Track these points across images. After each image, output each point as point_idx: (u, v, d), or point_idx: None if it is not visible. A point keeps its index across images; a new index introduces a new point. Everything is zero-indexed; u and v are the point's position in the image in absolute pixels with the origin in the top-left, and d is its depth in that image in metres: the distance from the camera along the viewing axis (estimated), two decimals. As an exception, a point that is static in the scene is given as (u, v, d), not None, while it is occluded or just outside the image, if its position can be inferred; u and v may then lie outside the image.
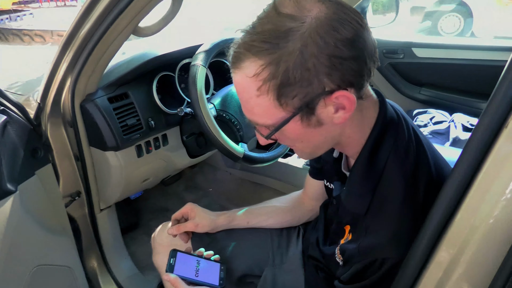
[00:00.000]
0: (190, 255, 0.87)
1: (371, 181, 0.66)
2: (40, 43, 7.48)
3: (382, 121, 0.66)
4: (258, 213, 1.03)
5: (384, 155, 0.65)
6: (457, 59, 1.87)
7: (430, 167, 0.65)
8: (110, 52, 1.01)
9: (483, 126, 0.46)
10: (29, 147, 1.00)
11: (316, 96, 0.55)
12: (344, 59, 0.53)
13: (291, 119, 0.58)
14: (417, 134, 0.68)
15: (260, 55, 0.53)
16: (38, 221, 1.00)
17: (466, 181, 0.48)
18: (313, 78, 0.53)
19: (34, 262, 1.00)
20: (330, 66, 0.53)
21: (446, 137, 1.62)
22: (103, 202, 1.33)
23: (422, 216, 0.59)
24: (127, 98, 1.18)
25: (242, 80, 0.57)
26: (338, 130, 0.64)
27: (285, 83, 0.54)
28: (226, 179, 2.08)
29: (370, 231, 0.64)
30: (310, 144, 0.66)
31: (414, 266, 0.53)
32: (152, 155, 1.28)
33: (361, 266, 0.64)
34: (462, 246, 0.47)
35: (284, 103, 0.56)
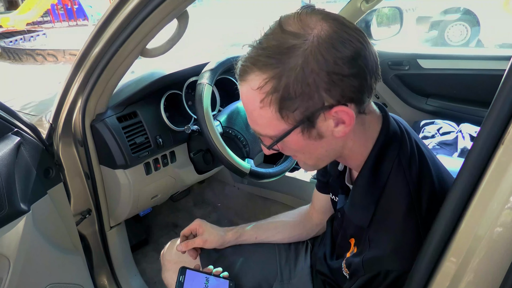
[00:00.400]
0: (199, 273, 0.88)
1: (374, 193, 0.66)
2: (53, 62, 7.68)
3: (385, 135, 0.67)
4: (266, 228, 1.04)
5: (387, 168, 0.66)
6: (462, 69, 1.87)
7: (433, 179, 0.65)
8: (119, 73, 1.04)
9: (484, 135, 0.47)
10: (42, 167, 1.03)
11: (316, 110, 0.58)
12: (344, 76, 0.55)
13: (292, 131, 0.60)
14: (420, 146, 0.69)
15: (264, 69, 0.56)
16: (50, 240, 1.02)
17: (469, 190, 0.48)
18: (313, 93, 0.56)
19: (46, 281, 1.01)
20: (329, 82, 0.55)
21: (454, 148, 1.60)
22: (113, 219, 1.35)
23: (425, 228, 0.60)
24: (136, 117, 1.21)
25: (247, 92, 0.60)
26: (339, 143, 0.65)
27: (286, 96, 0.56)
28: (234, 194, 2.08)
29: (373, 244, 0.65)
30: (312, 156, 0.68)
31: (420, 277, 0.52)
32: (161, 172, 1.30)
33: (366, 279, 0.64)
34: (467, 255, 0.47)
35: (285, 115, 0.58)
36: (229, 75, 1.46)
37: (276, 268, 1.00)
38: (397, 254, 0.61)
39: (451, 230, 0.50)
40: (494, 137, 0.44)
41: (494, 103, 0.44)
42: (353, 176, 0.78)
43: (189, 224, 1.01)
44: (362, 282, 0.65)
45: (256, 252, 1.02)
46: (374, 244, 0.65)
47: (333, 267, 0.85)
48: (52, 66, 7.46)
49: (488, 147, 0.44)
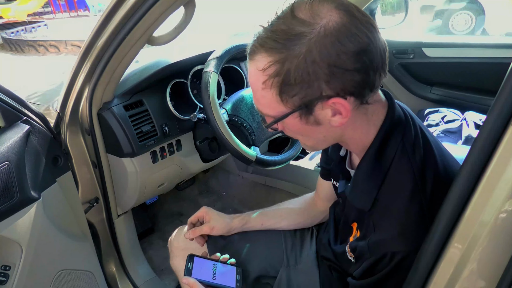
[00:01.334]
0: (207, 259, 0.89)
1: (377, 177, 0.67)
2: (55, 53, 7.66)
3: (390, 121, 0.68)
4: (271, 215, 1.05)
5: (391, 153, 0.67)
6: (467, 57, 1.86)
7: (437, 164, 0.66)
8: (125, 61, 1.04)
9: (490, 123, 0.47)
10: (50, 155, 1.04)
11: (314, 99, 0.59)
12: (346, 70, 0.56)
13: (289, 114, 0.62)
14: (424, 132, 0.70)
15: (270, 52, 0.58)
16: (60, 227, 1.03)
17: (475, 177, 0.49)
18: (313, 82, 0.57)
19: (57, 267, 1.03)
20: (330, 74, 0.56)
21: (458, 136, 1.60)
22: (120, 207, 1.37)
23: (429, 211, 0.61)
24: (142, 106, 1.21)
25: (253, 71, 0.62)
26: (338, 131, 0.67)
27: (287, 82, 0.58)
28: (239, 182, 2.10)
29: (378, 227, 0.66)
30: (310, 139, 0.70)
31: (425, 263, 0.54)
32: (167, 160, 1.31)
33: (372, 261, 0.65)
34: (472, 242, 0.48)
35: (285, 99, 0.60)
36: (234, 63, 1.46)
37: (283, 254, 1.01)
38: (402, 236, 0.62)
39: (457, 216, 0.51)
40: (503, 119, 0.44)
41: (504, 85, 0.44)
42: (354, 161, 0.79)
43: (196, 212, 1.02)
44: (368, 264, 0.66)
45: (262, 239, 1.04)
46: (379, 227, 0.66)
47: (337, 251, 0.86)
48: (54, 57, 7.45)
49: (496, 129, 0.45)
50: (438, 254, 0.52)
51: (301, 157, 1.78)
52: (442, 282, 0.51)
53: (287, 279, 0.97)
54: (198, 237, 1.00)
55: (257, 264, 1.00)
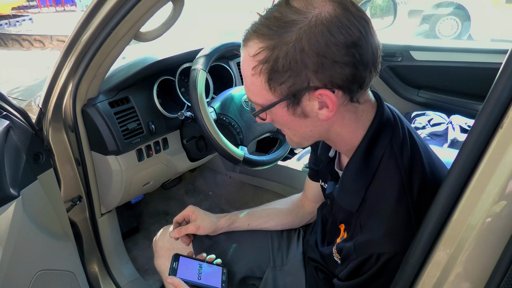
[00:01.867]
0: (193, 259, 0.88)
1: (364, 178, 0.67)
2: (40, 48, 7.50)
3: (379, 122, 0.67)
4: (258, 215, 1.04)
5: (379, 154, 0.67)
6: (454, 61, 1.89)
7: (424, 166, 0.66)
8: (111, 57, 1.02)
9: (479, 127, 0.47)
10: (31, 152, 1.01)
11: (301, 89, 0.59)
12: (334, 62, 0.56)
13: (277, 103, 0.62)
14: (412, 135, 0.70)
15: (261, 38, 0.58)
16: (40, 226, 1.00)
17: (463, 181, 0.48)
18: (300, 71, 0.57)
19: (37, 267, 1.00)
20: (317, 64, 0.56)
21: (444, 139, 1.62)
22: (104, 206, 1.34)
23: (416, 213, 0.61)
24: (128, 103, 1.19)
25: (245, 57, 0.62)
26: (325, 126, 0.66)
27: (275, 69, 0.58)
28: (226, 182, 2.08)
29: (365, 228, 0.66)
30: (297, 133, 0.69)
31: (413, 265, 0.53)
32: (153, 159, 1.29)
33: (358, 262, 0.65)
34: (459, 245, 0.48)
35: (272, 87, 0.60)
36: (223, 62, 1.45)
37: (269, 255, 1.01)
38: (389, 237, 0.62)
39: (444, 219, 0.50)
40: (493, 123, 0.44)
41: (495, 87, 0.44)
42: (343, 163, 0.79)
43: (182, 211, 1.01)
44: (354, 265, 0.66)
45: (249, 239, 1.03)
46: (365, 228, 0.65)
47: (324, 253, 0.86)
48: (39, 52, 7.29)
49: (486, 133, 0.45)
50: (425, 256, 0.52)
51: (289, 157, 1.77)
52: (429, 284, 0.50)
53: (273, 280, 0.97)
54: (183, 237, 0.98)
55: (243, 265, 0.99)
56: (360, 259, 0.64)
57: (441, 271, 0.49)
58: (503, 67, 0.45)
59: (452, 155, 1.21)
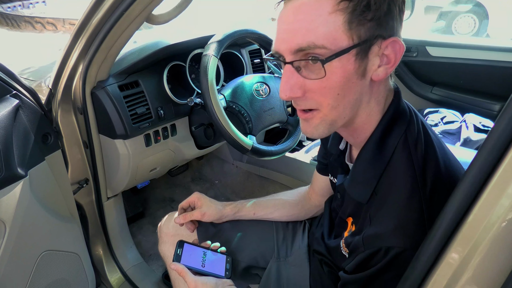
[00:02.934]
0: (197, 246, 0.87)
1: (377, 168, 0.65)
2: (52, 31, 7.51)
3: (394, 110, 0.65)
4: (265, 205, 1.03)
5: (393, 143, 0.64)
6: (471, 59, 1.84)
7: (438, 162, 0.64)
8: (122, 39, 1.01)
9: (502, 124, 0.44)
10: (40, 133, 1.01)
11: (379, 35, 0.56)
12: (402, 12, 0.57)
13: (349, 50, 0.55)
14: (427, 130, 0.68)
15: None
16: (47, 206, 1.00)
17: (482, 179, 0.46)
18: (385, 16, 0.55)
19: (42, 247, 1.01)
20: (399, 13, 0.57)
21: (457, 137, 1.59)
22: (111, 190, 1.34)
23: (428, 209, 0.59)
24: (138, 87, 1.18)
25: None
26: (366, 97, 0.62)
27: (364, 7, 0.53)
28: (233, 172, 2.08)
29: (374, 220, 0.63)
30: (340, 104, 0.60)
31: (423, 263, 0.51)
32: (160, 144, 1.28)
33: (366, 255, 0.63)
34: (473, 248, 0.46)
35: (352, 29, 0.54)
36: (235, 49, 1.43)
37: (273, 246, 1.00)
38: (399, 231, 0.60)
39: (459, 219, 0.48)
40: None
41: None
42: (353, 156, 0.77)
43: (188, 197, 1.00)
44: (361, 258, 0.64)
45: (254, 229, 1.02)
46: (375, 221, 0.63)
47: (331, 246, 0.84)
48: (51, 35, 7.31)
49: (508, 133, 0.42)
50: (437, 255, 0.50)
51: (297, 149, 1.75)
52: (440, 284, 0.49)
53: (277, 271, 0.96)
54: (188, 223, 0.98)
55: (247, 254, 0.99)
56: (368, 252, 0.62)
57: (453, 272, 0.48)
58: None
59: (465, 153, 1.18)
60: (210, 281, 0.79)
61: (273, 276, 0.95)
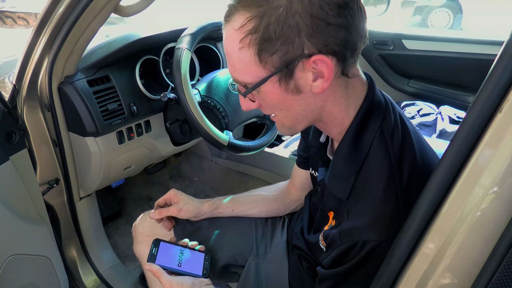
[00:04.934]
0: (174, 245, 0.85)
1: (355, 163, 0.64)
2: (23, 26, 7.24)
3: (370, 103, 0.64)
4: (243, 201, 1.01)
5: (369, 137, 0.64)
6: (446, 52, 1.87)
7: (415, 152, 0.64)
8: (89, 32, 0.96)
9: (475, 111, 0.44)
10: (3, 131, 0.96)
11: (296, 57, 0.55)
12: (328, 24, 0.53)
13: (269, 78, 0.58)
14: (404, 120, 0.67)
15: (248, 8, 0.54)
16: (12, 208, 0.95)
17: (455, 169, 0.46)
18: (294, 36, 0.53)
19: (8, 251, 0.96)
20: (312, 27, 0.53)
21: (433, 129, 1.61)
22: (83, 190, 1.29)
23: (405, 201, 0.59)
24: (108, 82, 1.13)
25: (229, 33, 0.57)
26: (318, 103, 0.62)
27: (266, 37, 0.54)
28: (212, 168, 2.05)
29: (351, 215, 0.63)
30: (289, 114, 0.64)
31: (398, 257, 0.51)
32: (134, 142, 1.24)
33: (342, 250, 0.62)
34: (448, 238, 0.46)
35: (264, 59, 0.56)
36: (211, 43, 1.39)
37: (252, 243, 0.98)
38: (375, 225, 0.59)
39: (434, 210, 0.48)
40: (492, 105, 0.41)
41: (494, 68, 0.41)
42: (335, 148, 0.76)
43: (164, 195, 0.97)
44: (338, 252, 0.63)
45: (232, 226, 1.00)
46: (352, 214, 0.63)
47: (311, 241, 0.83)
48: (23, 30, 7.03)
49: (483, 116, 0.42)
50: (412, 248, 0.49)
51: (276, 144, 1.74)
52: (415, 277, 0.48)
53: (256, 268, 0.94)
54: (165, 221, 0.95)
55: (226, 252, 0.97)
56: (345, 246, 0.62)
57: (428, 264, 0.47)
58: (504, 48, 0.42)
59: (441, 145, 1.19)
60: (186, 281, 0.76)
61: (252, 274, 0.93)
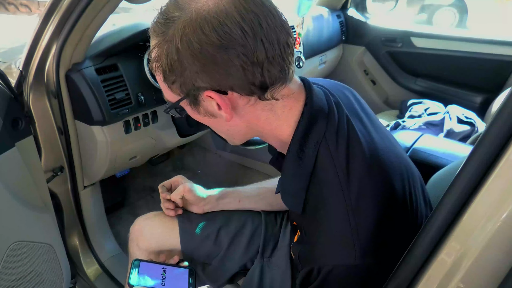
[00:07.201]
0: (155, 264, 0.82)
1: (301, 181, 0.62)
2: (26, 14, 7.19)
3: (308, 117, 0.61)
4: (250, 193, 1.00)
5: (312, 153, 0.61)
6: (455, 50, 1.85)
7: (364, 156, 0.60)
8: (99, 18, 0.95)
9: (501, 121, 0.42)
10: (9, 117, 0.94)
11: (191, 89, 0.55)
12: (214, 63, 0.52)
13: (179, 102, 0.59)
14: (350, 119, 0.63)
15: (153, 35, 0.56)
16: (17, 195, 0.95)
17: (479, 175, 0.44)
18: (183, 71, 0.54)
19: (12, 238, 0.95)
20: (196, 65, 0.52)
21: (440, 129, 1.60)
22: (87, 178, 1.28)
23: (355, 217, 0.56)
24: (117, 71, 1.11)
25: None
26: (241, 125, 0.62)
27: (165, 67, 0.55)
28: (216, 161, 2.04)
29: (307, 237, 0.63)
30: (218, 131, 0.66)
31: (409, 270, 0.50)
32: (141, 132, 1.23)
33: (304, 273, 0.62)
34: (465, 249, 0.44)
35: (169, 86, 0.58)
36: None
37: (259, 243, 0.94)
38: (327, 249, 0.58)
39: (451, 221, 0.46)
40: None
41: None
42: None
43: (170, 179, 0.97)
44: (302, 275, 0.63)
45: (243, 232, 0.95)
46: (307, 237, 0.63)
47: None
48: (26, 17, 6.99)
49: (505, 132, 0.40)
50: (426, 257, 0.48)
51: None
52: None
53: (260, 272, 0.90)
54: (169, 203, 0.94)
55: (237, 262, 0.93)
56: (305, 270, 0.62)
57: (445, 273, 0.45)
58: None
59: (448, 145, 1.17)
60: None
61: (255, 279, 0.90)
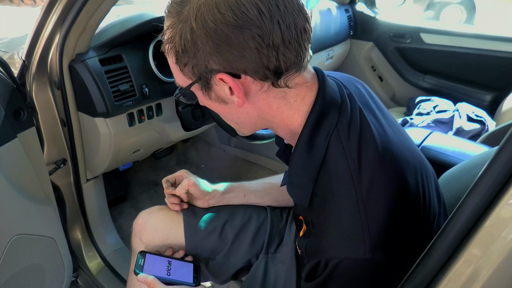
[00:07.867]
0: (160, 256, 0.82)
1: (310, 171, 0.60)
2: (30, 5, 7.15)
3: (320, 107, 0.59)
4: (255, 188, 0.98)
5: (323, 141, 0.59)
6: (466, 47, 1.82)
7: (377, 149, 0.58)
8: (103, 8, 0.92)
9: None
10: (11, 108, 0.92)
11: (202, 72, 0.54)
12: (228, 44, 0.50)
13: (190, 86, 0.58)
14: (363, 111, 0.61)
15: (168, 16, 0.55)
16: (19, 187, 0.93)
17: (500, 184, 0.41)
18: (196, 52, 0.52)
19: (13, 231, 0.94)
20: (211, 46, 0.51)
21: (449, 127, 1.57)
22: (90, 171, 1.27)
23: (365, 209, 0.55)
24: (121, 62, 1.09)
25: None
26: (252, 114, 0.60)
27: (178, 49, 0.54)
28: (220, 156, 2.02)
29: (315, 230, 0.60)
30: (227, 119, 0.65)
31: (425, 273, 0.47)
32: (145, 125, 1.21)
33: (310, 266, 0.60)
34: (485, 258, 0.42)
35: (182, 69, 0.56)
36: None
37: (264, 238, 0.93)
38: (335, 241, 0.56)
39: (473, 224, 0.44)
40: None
41: None
42: None
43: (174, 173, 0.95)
44: (308, 268, 0.61)
45: (248, 228, 0.94)
46: (315, 230, 0.60)
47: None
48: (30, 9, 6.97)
49: None
50: (444, 262, 0.46)
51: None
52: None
53: (264, 268, 0.89)
54: (174, 198, 0.91)
55: (241, 257, 0.92)
56: (311, 263, 0.59)
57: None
58: None
59: (458, 143, 1.14)
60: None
61: (259, 275, 0.88)
